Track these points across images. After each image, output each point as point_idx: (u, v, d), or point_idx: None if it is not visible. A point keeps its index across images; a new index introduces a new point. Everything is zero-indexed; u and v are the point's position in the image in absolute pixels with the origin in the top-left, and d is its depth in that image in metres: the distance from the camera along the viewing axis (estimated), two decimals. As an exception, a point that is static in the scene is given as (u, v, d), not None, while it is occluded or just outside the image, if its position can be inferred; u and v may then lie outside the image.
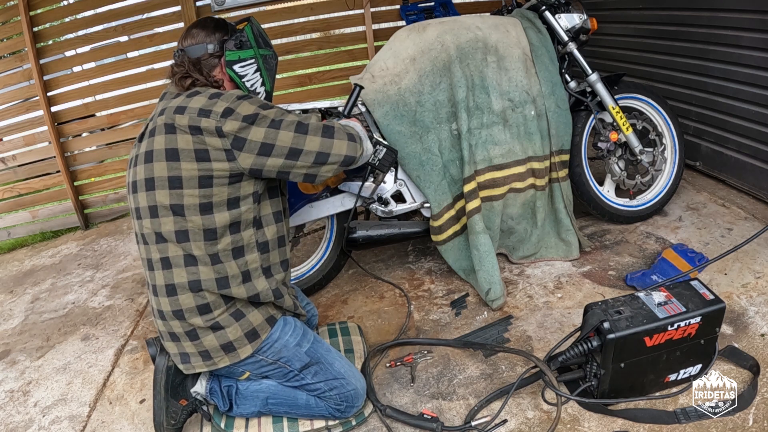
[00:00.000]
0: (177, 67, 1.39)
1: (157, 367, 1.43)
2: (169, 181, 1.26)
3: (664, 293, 1.43)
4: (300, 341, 1.42)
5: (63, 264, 2.97)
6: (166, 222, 1.28)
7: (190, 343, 1.35)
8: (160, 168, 1.26)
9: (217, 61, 1.42)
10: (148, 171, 1.28)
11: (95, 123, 3.54)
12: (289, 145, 1.29)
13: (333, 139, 1.34)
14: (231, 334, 1.34)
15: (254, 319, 1.37)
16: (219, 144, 1.25)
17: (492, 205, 2.06)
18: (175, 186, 1.26)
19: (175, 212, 1.27)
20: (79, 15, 3.32)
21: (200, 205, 1.27)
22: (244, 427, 1.47)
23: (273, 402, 1.47)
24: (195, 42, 1.41)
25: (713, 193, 2.48)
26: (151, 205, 1.29)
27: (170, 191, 1.26)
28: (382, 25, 3.60)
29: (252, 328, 1.36)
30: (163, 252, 1.30)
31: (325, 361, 1.44)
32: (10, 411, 1.79)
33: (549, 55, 2.11)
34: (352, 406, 1.44)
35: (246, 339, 1.36)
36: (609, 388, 1.40)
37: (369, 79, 2.03)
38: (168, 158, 1.26)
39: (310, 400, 1.44)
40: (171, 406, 1.42)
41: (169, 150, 1.26)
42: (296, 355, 1.41)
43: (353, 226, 2.05)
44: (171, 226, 1.28)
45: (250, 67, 1.46)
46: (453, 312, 1.95)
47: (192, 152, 1.25)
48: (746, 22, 2.16)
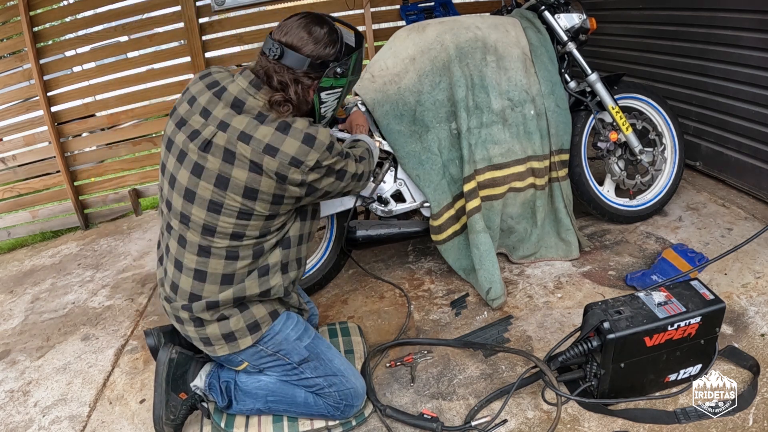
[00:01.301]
0: (275, 73, 1.26)
1: (159, 359, 1.44)
2: (239, 212, 1.27)
3: (664, 293, 1.43)
4: (301, 336, 1.43)
5: (63, 264, 2.97)
6: (219, 241, 1.30)
7: (194, 328, 1.36)
8: (233, 200, 1.25)
9: (310, 82, 1.30)
10: (217, 196, 1.25)
11: (95, 123, 3.54)
12: (340, 189, 1.40)
13: (361, 181, 1.48)
14: (233, 325, 1.35)
15: (257, 312, 1.37)
16: (297, 192, 1.28)
17: (492, 205, 2.06)
18: (244, 218, 1.28)
19: (233, 237, 1.30)
20: (79, 15, 3.32)
21: (260, 232, 1.32)
22: (244, 427, 1.47)
23: (272, 400, 1.47)
24: (299, 49, 1.27)
25: (713, 193, 2.48)
26: (208, 224, 1.29)
27: (237, 221, 1.28)
28: (382, 25, 3.60)
29: (254, 321, 1.37)
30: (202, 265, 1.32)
31: (325, 357, 1.44)
32: (10, 411, 1.79)
33: (548, 54, 2.11)
34: (351, 406, 1.44)
35: (247, 330, 1.36)
36: (609, 388, 1.40)
37: (369, 79, 2.03)
38: (245, 195, 1.24)
39: (309, 398, 1.44)
40: (171, 400, 1.43)
41: (249, 188, 1.24)
42: (295, 349, 1.41)
43: (353, 226, 2.05)
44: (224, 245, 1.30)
45: (334, 94, 1.38)
46: (453, 312, 1.95)
47: (271, 196, 1.26)
48: (746, 22, 2.16)
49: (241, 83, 1.28)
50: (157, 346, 1.49)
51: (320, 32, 1.28)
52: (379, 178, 2.03)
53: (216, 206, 1.26)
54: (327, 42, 1.29)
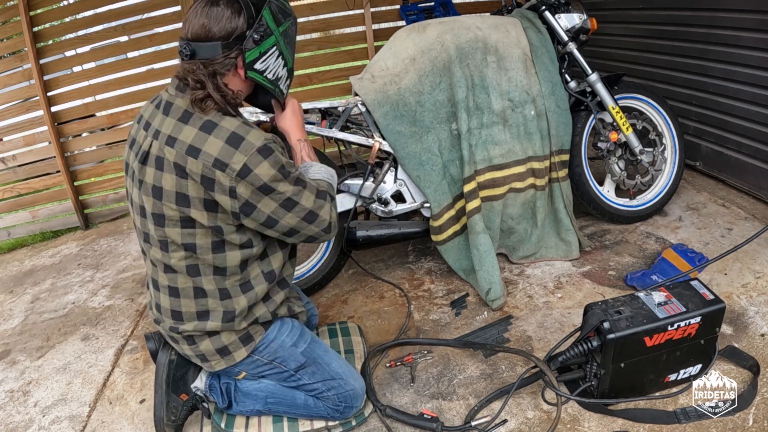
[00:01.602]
0: (189, 73, 1.18)
1: (159, 361, 1.44)
2: (180, 221, 1.22)
3: (664, 293, 1.43)
4: (296, 341, 1.42)
5: (63, 264, 2.97)
6: (175, 255, 1.26)
7: (188, 346, 1.36)
8: (170, 209, 1.21)
9: (233, 62, 1.20)
10: (157, 208, 1.22)
11: (95, 123, 3.54)
12: (291, 226, 1.27)
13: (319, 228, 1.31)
14: (225, 339, 1.35)
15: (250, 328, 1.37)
16: (228, 204, 1.18)
17: (492, 205, 2.06)
18: (188, 226, 1.22)
19: (186, 248, 1.25)
20: (79, 15, 3.31)
21: (212, 244, 1.25)
22: (244, 427, 1.47)
23: (272, 401, 1.47)
24: (205, 37, 1.16)
25: (713, 193, 2.48)
26: (161, 239, 1.26)
27: (182, 230, 1.23)
28: (382, 25, 3.60)
29: (246, 333, 1.37)
30: (173, 281, 1.30)
31: (322, 362, 1.43)
32: (10, 411, 1.79)
33: (549, 55, 2.11)
34: (350, 407, 1.44)
35: (240, 343, 1.36)
36: (609, 388, 1.40)
37: (369, 79, 2.03)
38: (178, 203, 1.19)
39: (309, 400, 1.44)
40: (171, 401, 1.43)
41: (179, 194, 1.19)
42: (292, 356, 1.40)
43: (353, 226, 2.05)
44: (183, 261, 1.26)
45: (271, 56, 1.26)
46: (453, 312, 1.95)
47: (202, 201, 1.19)
48: (746, 22, 2.16)
49: (170, 90, 1.24)
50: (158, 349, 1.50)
51: (219, 10, 1.16)
52: (379, 178, 2.03)
53: (160, 219, 1.23)
54: (230, 16, 1.16)
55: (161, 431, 1.44)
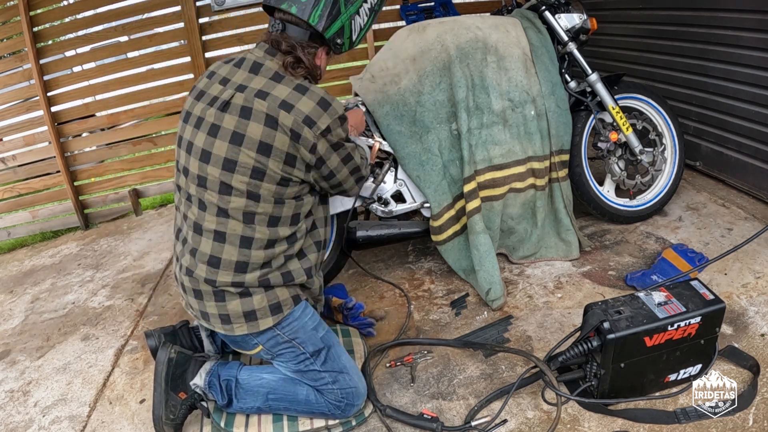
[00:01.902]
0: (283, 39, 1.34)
1: (159, 358, 1.44)
2: (252, 170, 1.28)
3: (664, 293, 1.43)
4: (317, 326, 1.44)
5: (63, 264, 2.97)
6: (236, 201, 1.30)
7: (214, 303, 1.35)
8: (246, 156, 1.27)
9: (316, 48, 1.38)
10: (232, 153, 1.28)
11: (95, 123, 3.54)
12: (340, 180, 1.44)
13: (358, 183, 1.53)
14: (256, 303, 1.34)
15: (281, 294, 1.37)
16: (307, 157, 1.31)
17: (492, 205, 2.06)
18: (256, 177, 1.29)
19: (249, 196, 1.30)
20: (79, 15, 3.32)
21: (275, 198, 1.32)
22: (244, 426, 1.48)
23: (273, 397, 1.47)
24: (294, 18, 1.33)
25: (713, 193, 2.48)
26: (224, 182, 1.29)
27: (249, 179, 1.28)
28: (382, 25, 3.60)
29: (277, 302, 1.37)
30: (221, 226, 1.31)
31: (335, 352, 1.46)
32: (10, 411, 1.79)
33: (549, 55, 2.11)
34: (352, 405, 1.44)
35: (269, 311, 1.36)
36: (609, 388, 1.40)
37: (369, 79, 2.03)
38: (259, 151, 1.27)
39: (310, 396, 1.44)
40: (170, 399, 1.43)
41: (263, 144, 1.27)
42: (311, 339, 1.42)
43: (353, 227, 2.05)
44: (241, 206, 1.30)
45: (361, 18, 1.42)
46: (453, 312, 1.95)
47: (283, 154, 1.28)
48: (746, 22, 2.16)
49: (257, 53, 1.36)
50: (158, 346, 1.49)
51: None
52: (380, 178, 2.03)
53: (230, 164, 1.28)
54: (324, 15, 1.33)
55: (160, 430, 1.44)
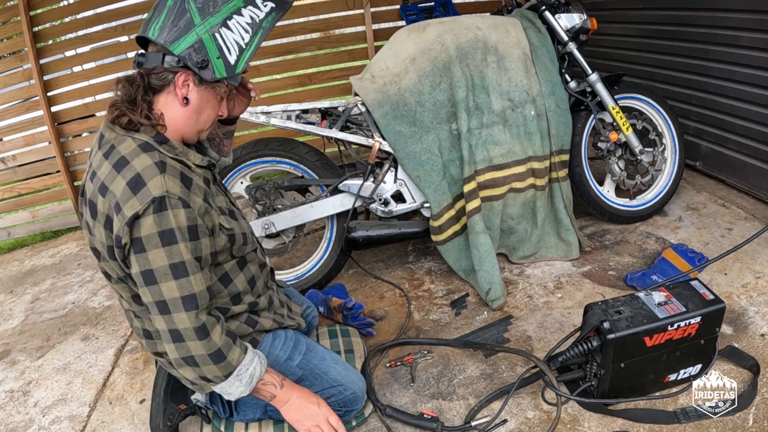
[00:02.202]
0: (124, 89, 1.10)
1: (159, 369, 1.43)
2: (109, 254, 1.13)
3: (664, 293, 1.43)
4: (291, 354, 1.37)
5: (63, 264, 2.97)
6: (120, 288, 1.20)
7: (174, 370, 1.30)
8: (100, 243, 1.13)
9: (174, 74, 1.09)
10: (93, 241, 1.17)
11: (95, 123, 3.53)
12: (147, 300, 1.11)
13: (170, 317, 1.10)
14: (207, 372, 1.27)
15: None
16: (118, 253, 1.09)
17: (492, 205, 2.06)
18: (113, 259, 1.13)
19: (123, 281, 1.18)
20: (79, 15, 3.31)
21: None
22: (244, 430, 1.47)
23: (272, 408, 1.42)
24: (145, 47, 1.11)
25: (713, 193, 2.48)
26: (105, 272, 1.20)
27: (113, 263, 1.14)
28: (382, 25, 3.59)
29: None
30: (129, 306, 1.25)
31: (320, 371, 1.39)
32: (10, 411, 1.79)
33: (549, 55, 2.11)
34: (350, 410, 1.43)
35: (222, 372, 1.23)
36: (609, 388, 1.40)
37: (369, 79, 2.03)
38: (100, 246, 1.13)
39: None
40: (169, 409, 1.42)
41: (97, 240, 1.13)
42: (288, 370, 1.36)
43: (353, 226, 2.05)
44: (126, 292, 1.20)
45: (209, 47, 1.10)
46: (453, 312, 1.95)
47: (106, 247, 1.11)
48: (746, 22, 2.16)
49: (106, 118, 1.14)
50: None
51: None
52: (380, 178, 2.03)
53: (97, 252, 1.17)
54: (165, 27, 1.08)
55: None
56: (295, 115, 2.00)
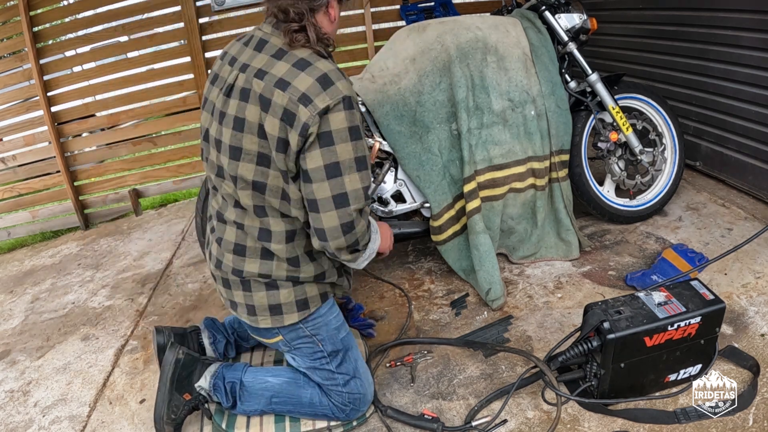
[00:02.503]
0: (290, 5, 1.18)
1: (166, 359, 1.44)
2: (257, 156, 1.20)
3: (664, 293, 1.43)
4: (339, 327, 1.43)
5: (63, 264, 2.97)
6: (244, 194, 1.24)
7: (242, 293, 1.33)
8: (250, 141, 1.19)
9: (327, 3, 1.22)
10: (236, 140, 1.21)
11: (95, 123, 3.54)
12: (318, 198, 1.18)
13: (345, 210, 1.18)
14: (283, 297, 1.32)
15: (310, 290, 1.35)
16: (296, 142, 1.14)
17: (492, 205, 2.06)
18: (262, 163, 1.20)
19: (255, 187, 1.23)
20: (79, 15, 3.32)
21: (282, 190, 1.22)
22: (245, 427, 1.48)
23: (276, 401, 1.46)
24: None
25: (713, 193, 2.48)
26: (232, 174, 1.24)
27: (256, 167, 1.20)
28: (382, 25, 3.60)
29: (305, 298, 1.34)
30: (240, 218, 1.29)
31: (352, 356, 1.45)
32: (10, 411, 1.79)
33: (549, 55, 2.11)
34: (357, 410, 1.44)
35: (296, 306, 1.33)
36: (609, 388, 1.40)
37: (369, 79, 2.03)
38: (259, 135, 1.18)
39: (314, 399, 1.44)
40: (174, 400, 1.43)
41: (260, 127, 1.17)
42: (332, 338, 1.40)
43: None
44: (249, 199, 1.24)
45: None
46: (453, 312, 1.95)
47: (276, 139, 1.16)
48: (746, 22, 2.16)
49: (265, 28, 1.25)
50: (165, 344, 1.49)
51: None
52: (380, 178, 2.03)
53: (236, 152, 1.21)
54: None
55: (161, 429, 1.44)
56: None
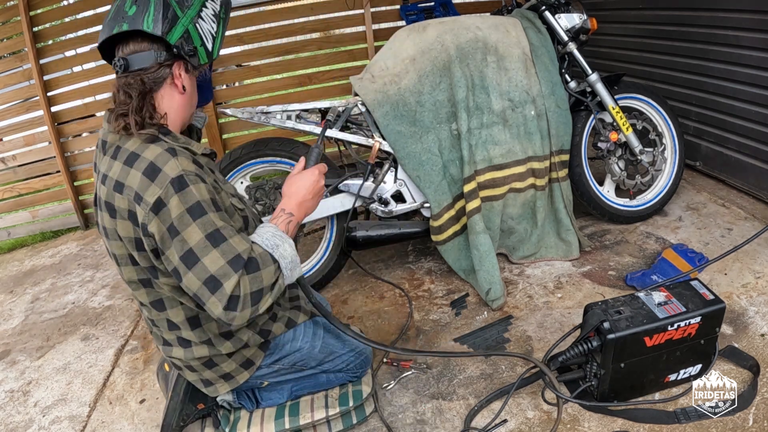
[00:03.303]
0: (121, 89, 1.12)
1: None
2: (129, 258, 1.16)
3: (664, 293, 1.43)
4: (312, 342, 1.43)
5: (63, 264, 2.97)
6: (140, 294, 1.22)
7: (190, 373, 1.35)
8: (118, 248, 1.15)
9: (169, 67, 1.14)
10: (112, 248, 1.17)
11: (95, 123, 3.53)
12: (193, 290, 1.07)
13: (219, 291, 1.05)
14: (226, 367, 1.34)
15: (247, 352, 1.35)
16: (146, 244, 1.10)
17: (492, 205, 2.06)
18: (136, 263, 1.16)
19: (144, 285, 1.20)
20: (79, 15, 3.32)
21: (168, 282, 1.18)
22: (246, 428, 1.47)
23: (297, 388, 1.52)
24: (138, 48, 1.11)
25: (713, 193, 2.48)
26: (125, 280, 1.22)
27: (134, 267, 1.17)
28: (382, 25, 3.60)
29: (244, 359, 1.35)
30: (149, 314, 1.28)
31: (337, 350, 1.47)
32: (10, 411, 1.79)
33: (549, 55, 2.11)
34: (365, 370, 1.55)
35: (242, 368, 1.36)
36: (609, 388, 1.40)
37: (369, 79, 2.03)
38: (123, 242, 1.13)
39: (330, 377, 1.52)
40: (186, 409, 1.43)
41: (119, 235, 1.12)
42: (311, 356, 1.43)
43: (353, 227, 2.05)
44: (147, 297, 1.22)
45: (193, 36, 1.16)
46: (453, 312, 1.95)
47: (132, 240, 1.11)
48: (746, 22, 2.16)
49: (104, 126, 1.17)
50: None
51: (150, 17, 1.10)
52: (380, 178, 2.03)
53: (116, 259, 1.19)
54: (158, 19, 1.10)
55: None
56: (295, 115, 2.00)
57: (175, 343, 1.29)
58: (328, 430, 1.48)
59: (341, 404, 1.48)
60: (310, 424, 1.46)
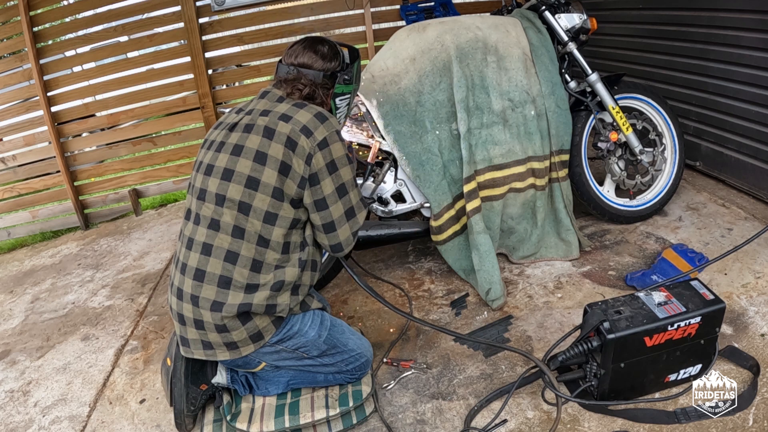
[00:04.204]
0: (297, 81, 1.44)
1: (176, 355, 1.46)
2: (247, 179, 1.32)
3: (664, 293, 1.43)
4: (319, 331, 1.47)
5: (63, 264, 2.97)
6: (228, 213, 1.33)
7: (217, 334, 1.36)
8: (243, 165, 1.33)
9: (326, 91, 1.49)
10: (231, 163, 1.34)
11: (95, 123, 3.54)
12: (334, 218, 1.41)
13: (351, 236, 1.46)
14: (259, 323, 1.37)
15: (260, 323, 1.38)
16: (301, 168, 1.33)
17: (492, 205, 2.06)
18: (251, 186, 1.32)
19: (240, 208, 1.33)
20: (79, 15, 3.32)
21: (266, 212, 1.33)
22: (248, 422, 1.48)
23: (294, 383, 1.56)
24: (311, 66, 1.46)
25: (713, 193, 2.48)
26: (219, 194, 1.34)
27: (244, 188, 1.32)
28: (382, 25, 3.60)
29: (257, 331, 1.38)
30: (210, 238, 1.34)
31: (341, 344, 1.50)
32: (10, 411, 1.79)
33: (549, 55, 2.11)
34: (365, 372, 1.57)
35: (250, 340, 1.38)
36: (609, 388, 1.40)
37: (369, 79, 2.03)
38: (255, 159, 1.33)
39: (328, 377, 1.55)
40: (191, 392, 1.46)
41: (259, 152, 1.33)
42: (315, 345, 1.47)
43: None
44: (232, 220, 1.33)
45: (345, 100, 1.57)
46: (453, 312, 1.95)
47: (278, 162, 1.32)
48: (746, 22, 2.16)
49: (268, 88, 1.48)
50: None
51: (324, 49, 1.47)
52: (380, 178, 2.03)
53: (228, 173, 1.34)
54: (332, 56, 1.48)
55: (181, 422, 1.47)
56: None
57: (213, 282, 1.32)
58: (328, 430, 1.48)
59: (341, 404, 1.48)
60: (310, 424, 1.46)
